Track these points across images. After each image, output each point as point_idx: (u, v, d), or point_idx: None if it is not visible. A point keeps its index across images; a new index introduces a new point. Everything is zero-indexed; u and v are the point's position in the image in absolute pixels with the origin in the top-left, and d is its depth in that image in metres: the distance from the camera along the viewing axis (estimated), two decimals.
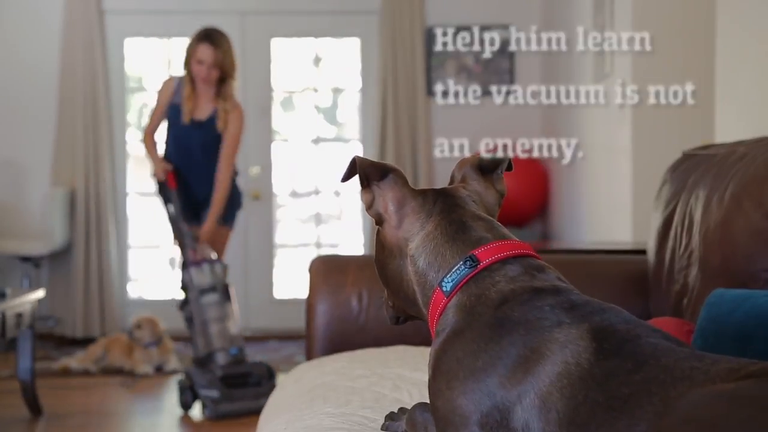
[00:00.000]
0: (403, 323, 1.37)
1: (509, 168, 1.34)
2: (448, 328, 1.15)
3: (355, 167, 1.26)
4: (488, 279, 1.15)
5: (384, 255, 1.28)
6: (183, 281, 4.19)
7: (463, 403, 1.07)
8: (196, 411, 4.12)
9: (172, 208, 4.29)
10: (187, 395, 4.05)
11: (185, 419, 4.08)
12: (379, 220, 1.27)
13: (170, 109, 4.41)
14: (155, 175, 4.38)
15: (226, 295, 4.14)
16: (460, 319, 1.14)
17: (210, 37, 4.32)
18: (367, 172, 1.26)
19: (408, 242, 1.24)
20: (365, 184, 1.27)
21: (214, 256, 4.23)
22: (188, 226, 4.26)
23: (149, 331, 4.94)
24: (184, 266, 4.19)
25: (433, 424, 1.18)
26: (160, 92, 4.47)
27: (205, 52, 4.27)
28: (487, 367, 1.07)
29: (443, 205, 1.24)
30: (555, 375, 1.02)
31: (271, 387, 3.96)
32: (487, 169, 1.31)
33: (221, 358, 4.03)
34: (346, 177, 1.28)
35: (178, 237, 4.28)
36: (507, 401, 1.04)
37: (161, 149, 4.47)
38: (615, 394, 0.98)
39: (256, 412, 3.91)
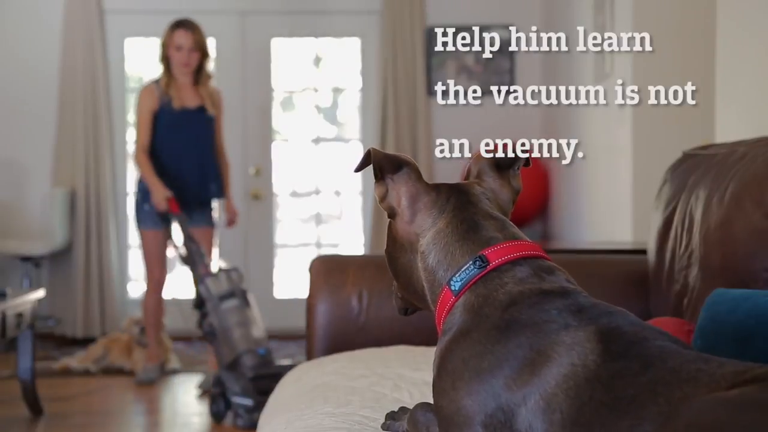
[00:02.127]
0: (411, 314, 1.37)
1: (527, 164, 1.33)
2: (454, 327, 1.15)
3: (370, 158, 1.24)
4: (497, 280, 1.15)
5: (395, 248, 1.28)
6: (199, 296, 4.08)
7: (467, 403, 1.07)
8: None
9: (179, 230, 4.29)
10: (220, 404, 3.88)
11: (186, 418, 4.08)
12: (392, 214, 1.27)
13: (160, 113, 4.48)
14: (156, 204, 4.34)
15: (245, 301, 4.06)
16: (467, 319, 1.14)
17: (184, 23, 4.51)
18: (381, 165, 1.25)
19: (419, 238, 1.23)
20: (379, 177, 1.26)
21: (225, 265, 4.20)
22: (194, 241, 4.23)
23: None
24: (199, 282, 4.09)
25: (435, 425, 1.18)
26: (144, 101, 4.51)
27: (183, 36, 4.45)
28: (492, 368, 1.07)
29: (456, 202, 1.23)
30: (561, 377, 1.03)
31: None
32: (503, 165, 1.31)
33: (249, 360, 3.88)
34: (360, 167, 1.27)
35: (188, 256, 4.22)
36: (512, 403, 1.05)
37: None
38: (620, 394, 0.98)
39: None
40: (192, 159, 4.49)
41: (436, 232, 1.22)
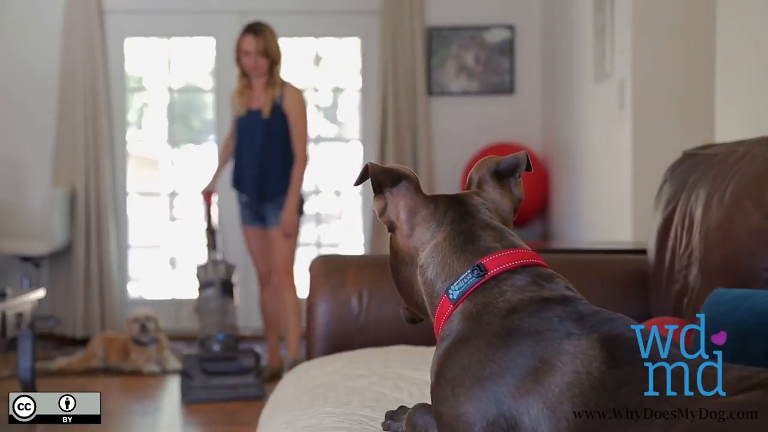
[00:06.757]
0: (419, 323, 1.35)
1: (528, 168, 1.32)
2: (453, 334, 1.14)
3: (368, 173, 1.24)
4: (495, 288, 1.15)
5: (397, 261, 1.28)
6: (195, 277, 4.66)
7: (468, 410, 1.07)
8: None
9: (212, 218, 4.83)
10: (184, 380, 4.33)
11: (186, 419, 4.09)
12: (391, 228, 1.26)
13: (236, 117, 4.75)
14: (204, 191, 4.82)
15: (225, 291, 4.54)
16: (466, 326, 1.13)
17: (252, 28, 4.65)
18: (379, 179, 1.24)
19: (418, 252, 1.23)
20: (377, 191, 1.25)
21: (219, 258, 4.69)
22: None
23: (154, 325, 4.96)
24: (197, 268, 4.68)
25: (434, 427, 1.18)
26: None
27: (248, 42, 4.58)
28: (495, 376, 1.06)
29: (454, 215, 1.23)
30: (565, 385, 1.02)
31: (258, 375, 4.33)
32: (504, 173, 1.30)
33: (209, 342, 4.41)
34: (359, 182, 1.26)
35: (207, 243, 4.77)
36: (515, 410, 1.04)
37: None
38: (626, 401, 0.98)
39: (236, 399, 4.21)
40: (252, 160, 4.64)
41: (434, 246, 1.21)
